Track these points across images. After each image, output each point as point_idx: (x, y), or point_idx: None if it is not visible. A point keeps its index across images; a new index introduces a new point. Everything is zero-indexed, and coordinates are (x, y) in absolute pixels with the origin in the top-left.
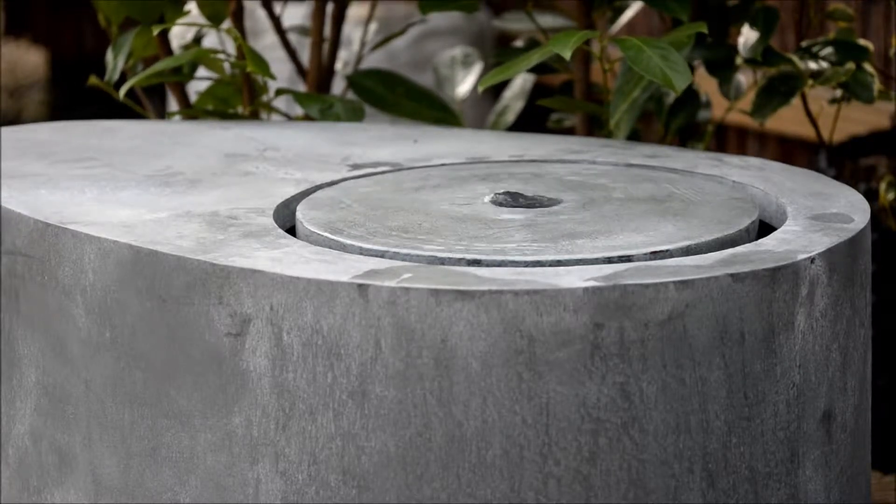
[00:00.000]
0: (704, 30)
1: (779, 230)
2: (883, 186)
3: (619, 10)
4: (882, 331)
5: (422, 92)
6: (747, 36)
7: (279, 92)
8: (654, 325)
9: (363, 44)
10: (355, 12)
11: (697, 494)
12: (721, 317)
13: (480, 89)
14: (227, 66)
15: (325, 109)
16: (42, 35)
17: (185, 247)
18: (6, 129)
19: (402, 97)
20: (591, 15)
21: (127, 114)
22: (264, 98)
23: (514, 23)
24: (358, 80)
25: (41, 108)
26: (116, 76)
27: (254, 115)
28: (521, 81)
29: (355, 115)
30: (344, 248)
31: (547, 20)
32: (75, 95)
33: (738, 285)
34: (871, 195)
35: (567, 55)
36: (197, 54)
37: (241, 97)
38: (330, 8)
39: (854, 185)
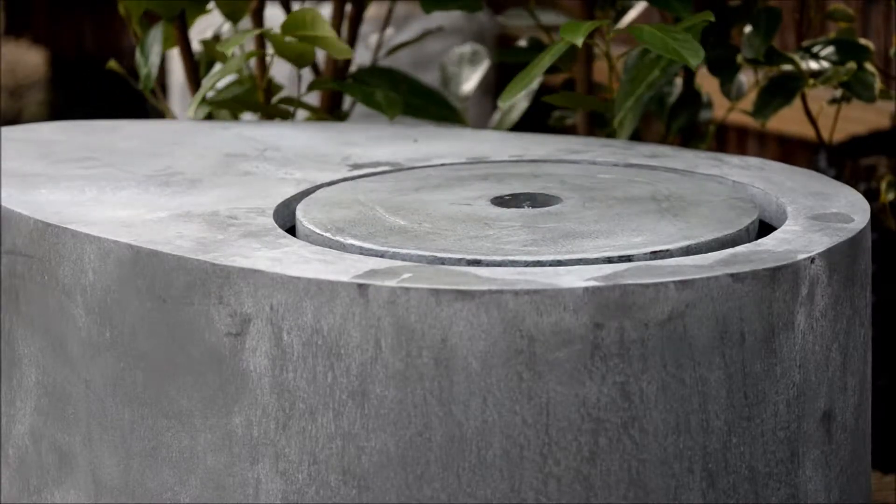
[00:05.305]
0: (711, 17)
1: (779, 230)
2: (883, 186)
3: (623, 11)
4: (882, 331)
5: (425, 90)
6: (749, 36)
7: (313, 85)
8: (654, 325)
9: (378, 46)
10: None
11: (697, 494)
12: (721, 317)
13: (502, 105)
14: (236, 56)
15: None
16: (42, 35)
17: (185, 247)
18: (6, 129)
19: (405, 95)
20: (594, 13)
21: (127, 114)
22: (282, 93)
23: (516, 19)
24: (362, 78)
25: (41, 108)
26: (153, 82)
27: (272, 113)
28: None
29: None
30: (344, 247)
31: (549, 17)
32: (75, 95)
33: (738, 285)
34: (871, 195)
35: (579, 43)
36: (247, 57)
37: (256, 96)
38: (348, 8)
39: (854, 184)
